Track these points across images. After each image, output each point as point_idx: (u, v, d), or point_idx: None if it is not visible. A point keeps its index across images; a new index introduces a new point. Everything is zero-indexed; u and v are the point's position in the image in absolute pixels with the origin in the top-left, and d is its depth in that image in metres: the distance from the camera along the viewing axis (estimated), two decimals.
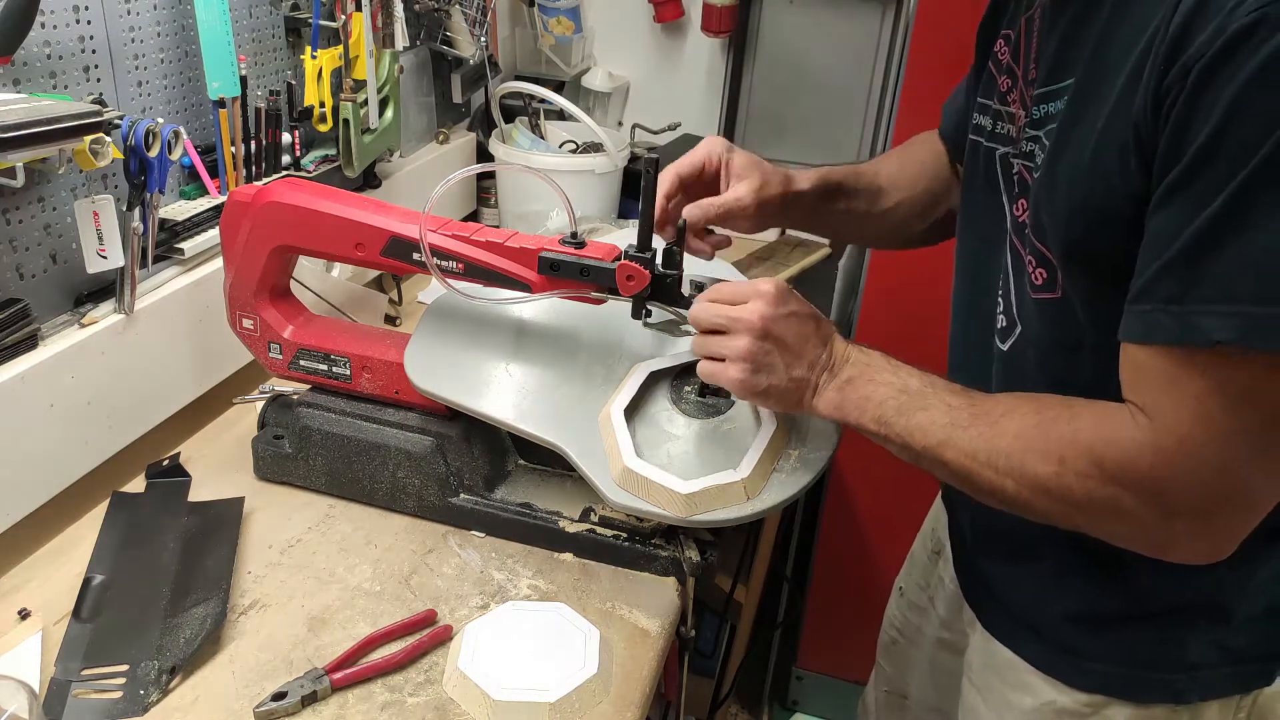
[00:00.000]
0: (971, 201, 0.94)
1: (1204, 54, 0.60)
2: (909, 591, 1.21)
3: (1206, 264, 0.62)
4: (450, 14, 1.77)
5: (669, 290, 0.96)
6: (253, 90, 1.32)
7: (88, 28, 1.05)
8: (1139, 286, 0.67)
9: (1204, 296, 0.63)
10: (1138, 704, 0.86)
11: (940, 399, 0.80)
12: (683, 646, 1.04)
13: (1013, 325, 0.86)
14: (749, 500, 0.93)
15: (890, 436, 0.82)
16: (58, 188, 1.03)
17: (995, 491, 0.76)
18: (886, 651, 1.27)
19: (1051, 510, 0.74)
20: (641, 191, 0.93)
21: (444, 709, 0.85)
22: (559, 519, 1.05)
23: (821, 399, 0.86)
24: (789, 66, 2.02)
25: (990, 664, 0.96)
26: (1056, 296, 0.79)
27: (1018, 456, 0.73)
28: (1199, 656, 0.84)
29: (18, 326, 0.98)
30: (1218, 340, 0.62)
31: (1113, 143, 0.68)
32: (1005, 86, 0.88)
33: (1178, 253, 0.64)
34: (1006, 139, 0.87)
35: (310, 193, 1.05)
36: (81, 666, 0.86)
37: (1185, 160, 0.63)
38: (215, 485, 1.12)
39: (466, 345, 1.07)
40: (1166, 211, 0.65)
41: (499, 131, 1.92)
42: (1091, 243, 0.73)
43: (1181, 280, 0.64)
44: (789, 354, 0.85)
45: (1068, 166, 0.74)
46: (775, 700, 2.16)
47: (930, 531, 1.18)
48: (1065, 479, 0.71)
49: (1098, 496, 0.70)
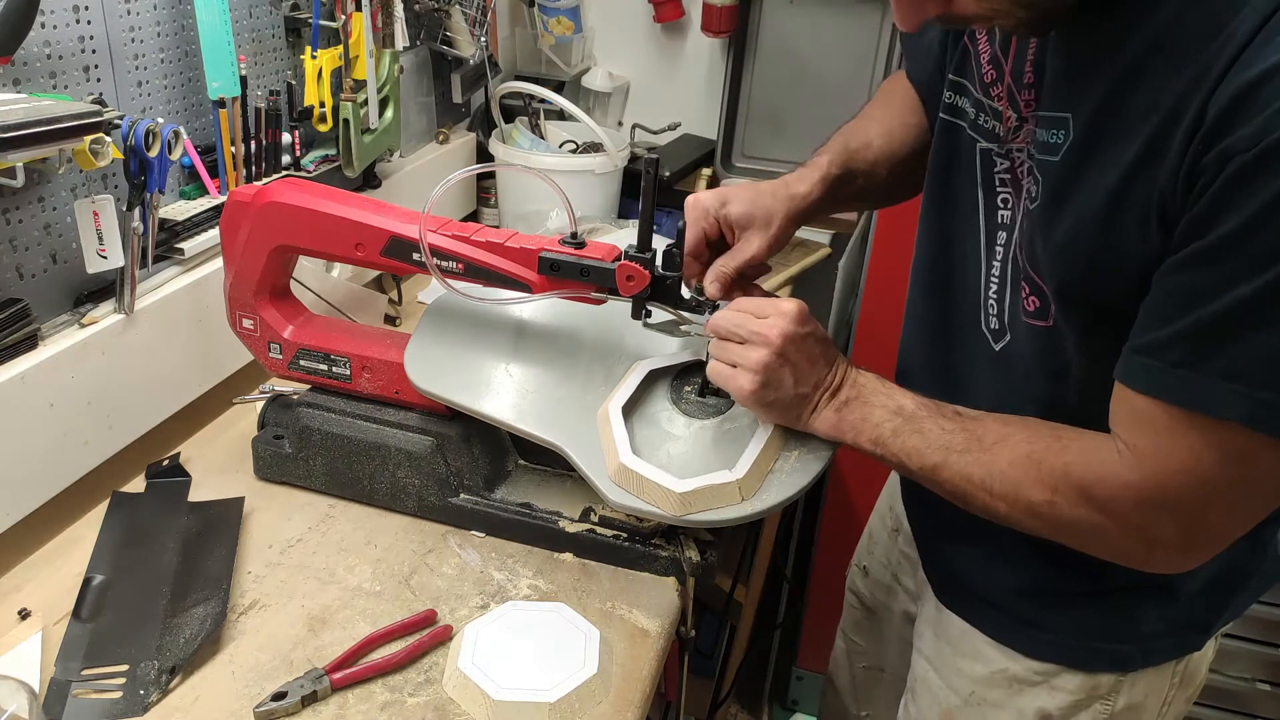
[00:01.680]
0: (944, 182, 0.93)
1: (1249, 149, 0.61)
2: (874, 570, 1.24)
3: (1225, 344, 0.65)
4: (450, 14, 1.77)
5: (669, 290, 0.96)
6: (253, 90, 1.32)
7: (88, 28, 1.05)
8: (1145, 341, 0.69)
9: (1216, 371, 0.66)
10: (1087, 673, 0.92)
11: (934, 423, 0.84)
12: (683, 646, 1.04)
13: (1004, 332, 0.88)
14: (746, 500, 0.93)
15: (886, 456, 0.86)
16: (58, 188, 1.03)
17: (987, 510, 0.81)
18: (858, 628, 1.29)
19: (1040, 530, 0.80)
20: (641, 191, 0.93)
21: (444, 709, 0.85)
22: (559, 519, 1.05)
23: (819, 418, 0.90)
24: (789, 66, 2.02)
25: (942, 634, 1.00)
26: (1048, 325, 0.81)
27: (1012, 485, 0.78)
28: (1148, 629, 0.91)
29: (18, 326, 0.98)
30: (1228, 416, 0.66)
31: (1133, 207, 0.69)
32: (990, 78, 0.86)
33: (1195, 325, 0.66)
34: (991, 135, 0.86)
35: (310, 193, 1.05)
36: (81, 666, 0.86)
37: (1216, 237, 0.64)
38: (215, 485, 1.12)
39: (466, 345, 1.07)
40: (1186, 278, 0.67)
41: (499, 131, 1.92)
42: (1090, 288, 0.75)
43: (1195, 351, 0.67)
44: (798, 372, 0.88)
45: (1073, 215, 0.74)
46: (775, 700, 2.16)
47: (888, 509, 1.21)
48: (1057, 508, 0.76)
49: (1085, 525, 0.76)
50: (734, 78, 2.04)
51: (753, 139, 2.09)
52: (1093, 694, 0.93)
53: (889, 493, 1.22)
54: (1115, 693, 0.93)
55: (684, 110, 2.13)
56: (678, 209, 2.05)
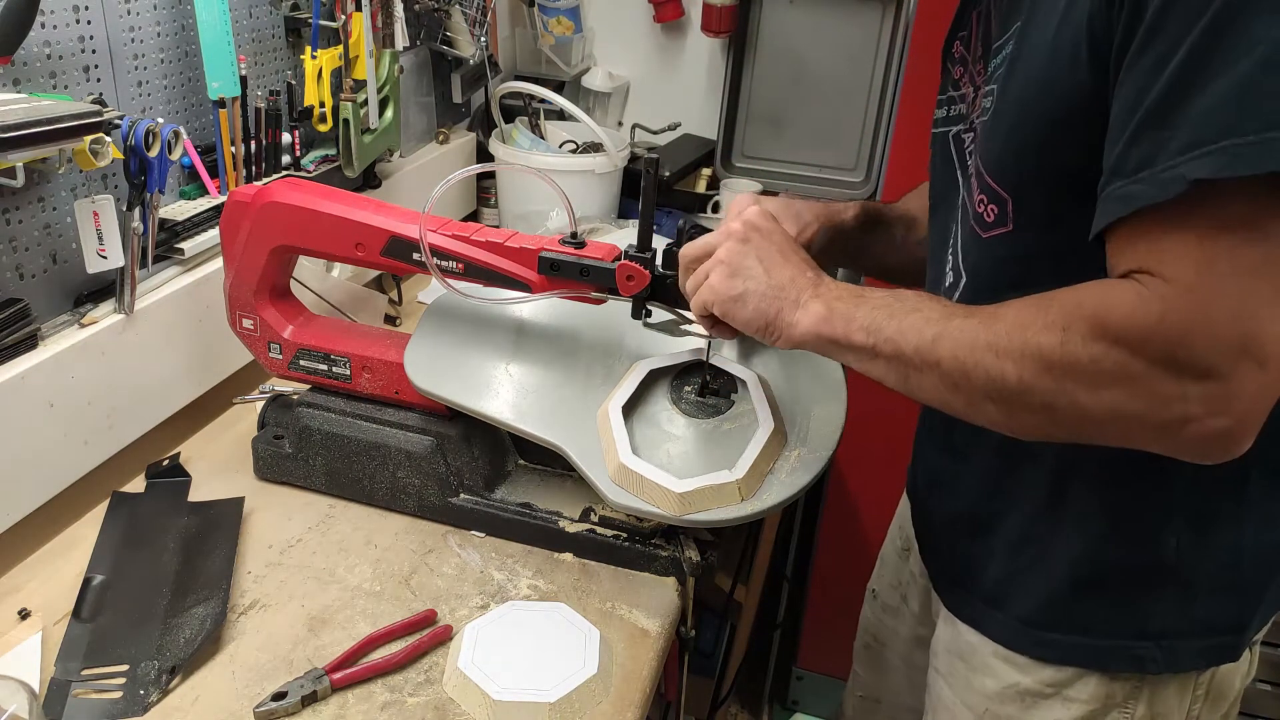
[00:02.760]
0: (934, 189, 0.95)
1: None
2: (882, 594, 1.21)
3: (1173, 119, 0.61)
4: (450, 14, 1.77)
5: (669, 290, 0.96)
6: (253, 90, 1.32)
7: (88, 28, 1.05)
8: (1108, 169, 0.66)
9: (1177, 149, 0.61)
10: (1101, 674, 0.86)
11: (936, 301, 0.76)
12: (683, 646, 1.04)
13: (958, 278, 0.86)
14: (745, 500, 0.93)
15: (879, 345, 0.76)
16: (58, 188, 1.03)
17: (993, 383, 0.70)
18: (860, 657, 1.28)
19: (1055, 393, 0.68)
20: (641, 191, 0.93)
21: (444, 709, 0.85)
22: (559, 519, 1.05)
23: (806, 311, 0.80)
24: (789, 66, 2.02)
25: (954, 649, 0.98)
26: (1008, 230, 0.79)
27: (1019, 333, 0.69)
28: (1164, 625, 0.84)
29: (18, 326, 0.98)
30: (1197, 178, 0.60)
31: (1064, 45, 0.69)
32: (959, 75, 0.89)
33: (1143, 118, 0.63)
34: (960, 118, 0.88)
35: (310, 193, 1.05)
36: (81, 666, 0.86)
37: (1141, 31, 0.63)
38: (215, 485, 1.12)
39: (466, 345, 1.07)
40: (1127, 86, 0.65)
41: (499, 131, 1.92)
42: (1044, 155, 0.73)
43: (1152, 142, 0.62)
44: (769, 261, 0.82)
45: (1019, 82, 0.75)
46: (775, 700, 2.16)
47: (898, 530, 1.19)
48: (1070, 347, 0.66)
49: (1104, 363, 0.65)
50: (734, 78, 2.04)
51: (753, 139, 2.09)
52: (1109, 703, 0.87)
53: (900, 513, 1.21)
54: (1134, 700, 0.87)
55: (684, 110, 2.13)
56: (678, 209, 2.07)
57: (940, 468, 0.98)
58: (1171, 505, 0.80)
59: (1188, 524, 0.81)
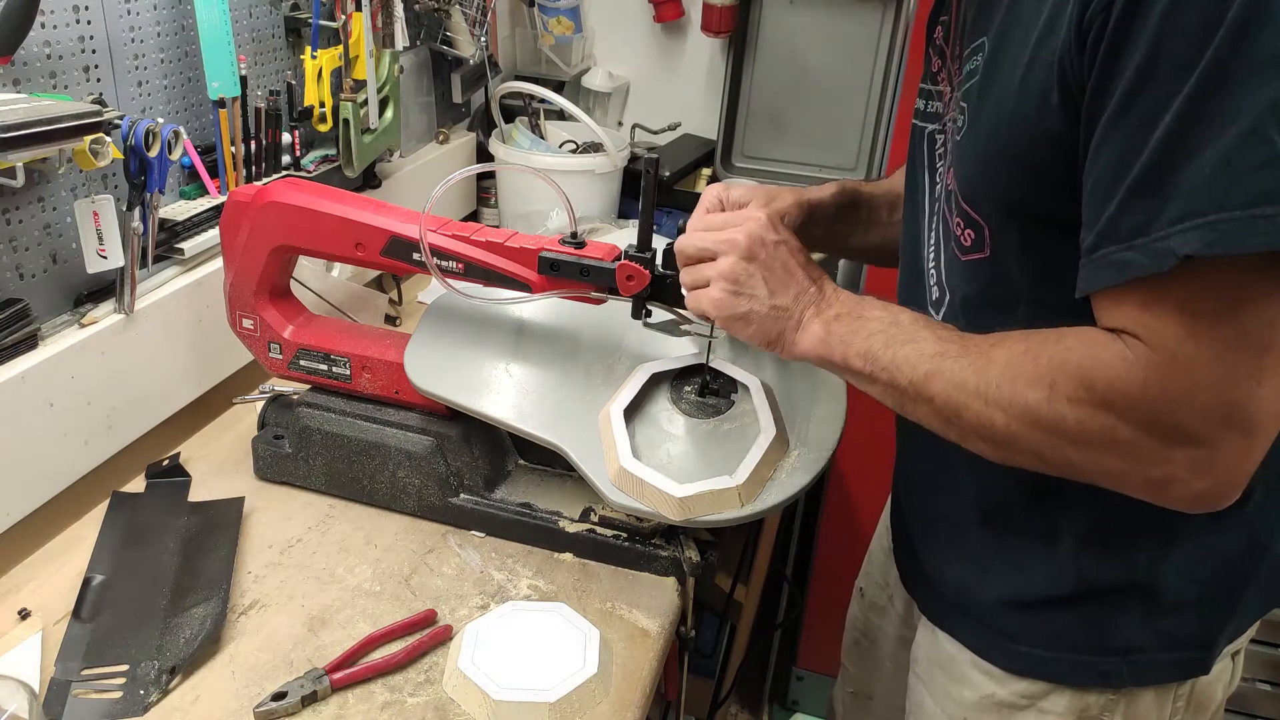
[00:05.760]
0: (909, 185, 0.94)
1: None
2: (869, 592, 1.22)
3: (1165, 187, 0.61)
4: (450, 14, 1.77)
5: (669, 290, 0.96)
6: (253, 90, 1.32)
7: (88, 28, 1.05)
8: (1097, 231, 0.66)
9: (1169, 220, 0.61)
10: (1072, 689, 0.86)
11: (931, 333, 0.77)
12: (683, 646, 1.04)
13: (943, 294, 0.86)
14: (745, 504, 0.93)
15: (876, 373, 0.78)
16: (58, 188, 1.03)
17: (983, 427, 0.72)
18: (849, 653, 1.27)
19: (1043, 446, 0.70)
20: (641, 191, 0.93)
21: (444, 709, 0.85)
22: (559, 519, 1.05)
23: (806, 333, 0.82)
24: (789, 66, 2.02)
25: (934, 657, 0.97)
26: (985, 256, 0.79)
27: (1008, 384, 0.70)
28: (1130, 640, 0.84)
29: (18, 326, 0.98)
30: (1185, 255, 0.60)
31: (1034, 86, 0.68)
32: (937, 68, 0.88)
33: (1133, 185, 0.62)
34: (935, 117, 0.88)
35: (310, 193, 1.05)
36: (81, 666, 0.86)
37: (1122, 90, 0.62)
38: (215, 485, 1.12)
39: (466, 345, 1.07)
40: (1111, 146, 0.64)
41: (499, 131, 1.92)
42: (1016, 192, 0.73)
43: (1145, 211, 0.62)
44: (774, 280, 0.82)
45: (989, 114, 0.74)
46: (775, 700, 2.16)
47: (885, 529, 1.19)
48: (1056, 405, 0.67)
49: (1090, 425, 0.67)
50: (734, 78, 2.05)
51: (753, 139, 2.09)
52: (1084, 715, 0.86)
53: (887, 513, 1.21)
54: (1109, 713, 0.86)
55: (684, 110, 2.13)
56: (678, 209, 2.07)
57: (916, 469, 0.98)
58: (1143, 522, 0.79)
59: (1158, 541, 0.80)
